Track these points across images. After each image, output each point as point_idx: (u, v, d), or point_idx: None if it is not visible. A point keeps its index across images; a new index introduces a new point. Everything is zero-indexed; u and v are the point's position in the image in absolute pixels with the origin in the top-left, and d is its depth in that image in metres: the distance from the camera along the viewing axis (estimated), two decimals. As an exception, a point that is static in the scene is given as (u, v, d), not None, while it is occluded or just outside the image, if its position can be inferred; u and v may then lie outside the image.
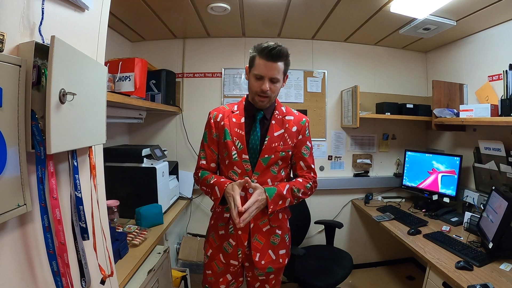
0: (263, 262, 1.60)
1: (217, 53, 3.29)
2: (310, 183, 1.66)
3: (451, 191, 2.79)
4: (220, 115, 1.66)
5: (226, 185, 1.50)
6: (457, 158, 2.77)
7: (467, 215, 2.43)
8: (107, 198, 1.38)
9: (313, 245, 3.08)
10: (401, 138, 3.53)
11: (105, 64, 1.29)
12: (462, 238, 2.23)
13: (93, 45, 1.19)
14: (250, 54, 1.55)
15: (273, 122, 1.62)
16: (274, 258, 1.63)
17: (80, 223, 1.00)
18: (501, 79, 2.30)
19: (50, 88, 0.80)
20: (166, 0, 2.33)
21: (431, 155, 3.06)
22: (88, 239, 1.02)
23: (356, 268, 3.31)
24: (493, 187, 2.19)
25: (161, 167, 2.47)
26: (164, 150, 2.73)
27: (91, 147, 1.13)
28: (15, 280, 0.80)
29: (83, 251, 1.01)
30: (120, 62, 2.24)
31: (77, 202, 0.99)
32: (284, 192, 1.55)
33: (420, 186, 3.09)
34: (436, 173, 2.95)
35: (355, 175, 3.46)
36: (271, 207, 1.50)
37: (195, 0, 2.35)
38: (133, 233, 2.01)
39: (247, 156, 1.57)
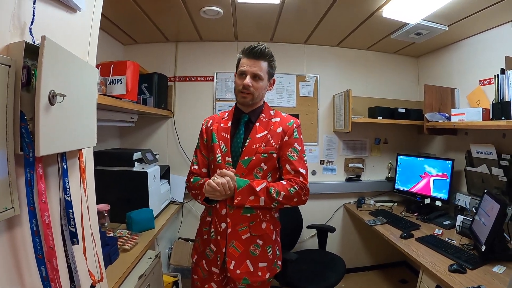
0: (238, 271, 1.51)
1: (210, 57, 3.28)
2: (295, 187, 1.52)
3: (443, 195, 2.81)
4: (211, 121, 1.71)
5: None
6: (449, 161, 2.80)
7: (460, 218, 2.45)
8: (98, 202, 1.36)
9: (306, 249, 3.07)
10: (393, 142, 3.56)
11: (97, 67, 1.28)
12: (454, 241, 2.24)
13: (84, 47, 1.18)
14: (237, 58, 1.62)
15: (257, 124, 1.61)
16: (252, 270, 1.54)
17: (69, 227, 0.98)
18: (493, 83, 2.33)
19: (39, 89, 0.79)
20: (159, 3, 2.31)
21: (423, 159, 3.09)
22: (78, 243, 1.00)
23: (349, 272, 3.30)
24: (485, 190, 2.20)
25: (153, 171, 2.45)
26: (156, 154, 2.70)
27: (81, 150, 1.12)
28: (3, 285, 0.78)
29: (72, 256, 0.99)
30: (112, 65, 2.23)
31: (67, 206, 0.97)
32: (257, 189, 1.47)
33: (412, 190, 3.11)
34: (428, 177, 2.98)
35: (347, 179, 3.47)
36: (238, 198, 1.45)
37: (187, 3, 2.34)
38: (124, 237, 1.99)
39: (230, 159, 1.56)
